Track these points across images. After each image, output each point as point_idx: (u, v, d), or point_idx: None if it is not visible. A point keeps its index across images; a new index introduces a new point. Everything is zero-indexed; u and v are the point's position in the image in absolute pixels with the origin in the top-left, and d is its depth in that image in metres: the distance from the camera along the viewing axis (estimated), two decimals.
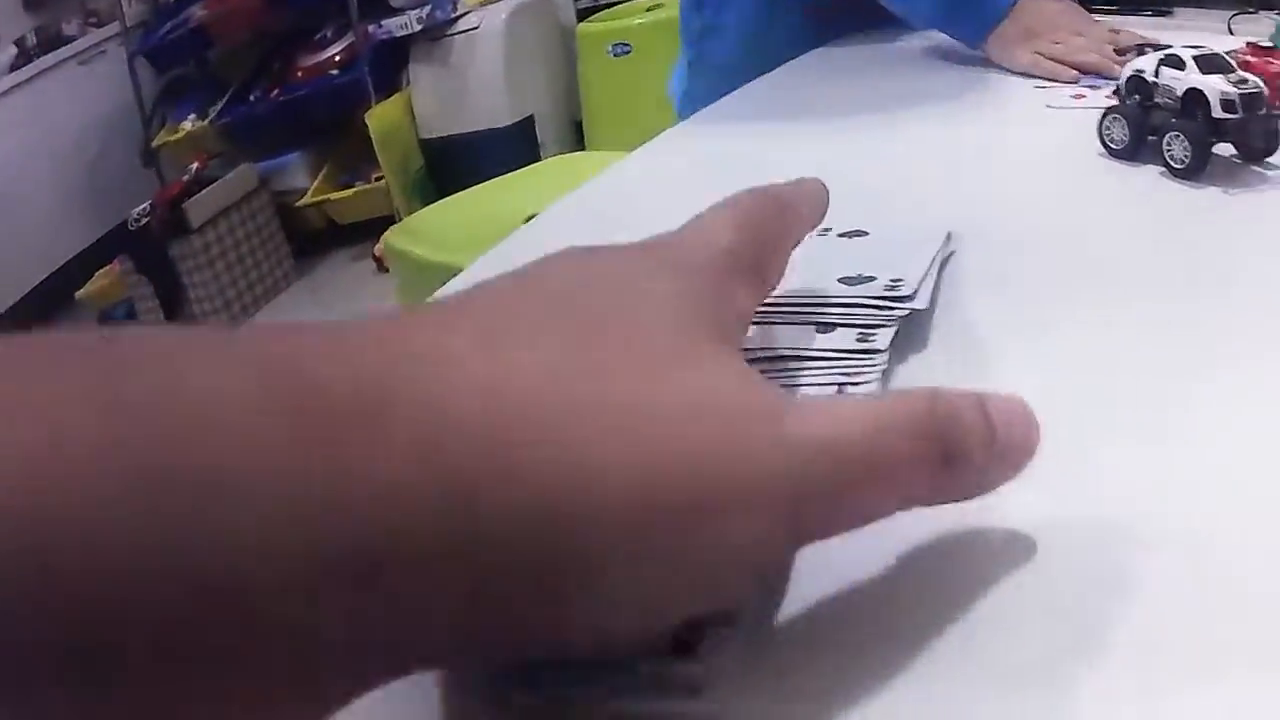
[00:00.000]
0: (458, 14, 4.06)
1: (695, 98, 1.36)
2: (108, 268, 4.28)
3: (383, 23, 4.11)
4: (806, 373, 0.57)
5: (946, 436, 0.34)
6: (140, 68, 4.85)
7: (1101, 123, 0.87)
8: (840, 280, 0.63)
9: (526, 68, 4.09)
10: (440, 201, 2.63)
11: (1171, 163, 0.80)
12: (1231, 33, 1.22)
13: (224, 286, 4.07)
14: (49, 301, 4.50)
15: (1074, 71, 1.16)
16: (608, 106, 3.98)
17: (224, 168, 4.31)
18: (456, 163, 4.07)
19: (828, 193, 0.48)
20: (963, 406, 0.35)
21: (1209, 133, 0.78)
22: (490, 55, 3.99)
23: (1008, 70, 1.23)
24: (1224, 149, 0.80)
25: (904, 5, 1.35)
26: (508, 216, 2.07)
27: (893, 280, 0.63)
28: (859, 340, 0.58)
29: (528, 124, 4.11)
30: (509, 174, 2.55)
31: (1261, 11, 1.27)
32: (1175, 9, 1.51)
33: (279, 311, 4.21)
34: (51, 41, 4.87)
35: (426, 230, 2.38)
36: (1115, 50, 1.18)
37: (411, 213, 3.89)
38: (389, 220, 4.01)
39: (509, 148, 3.97)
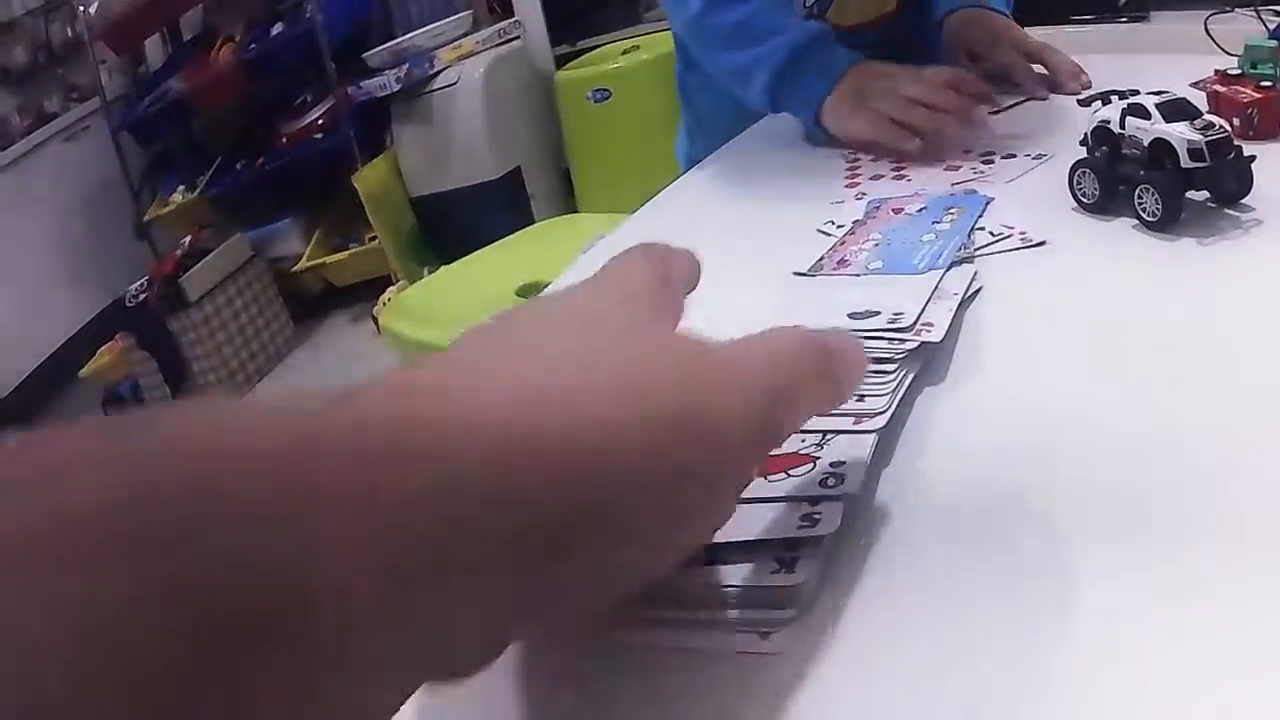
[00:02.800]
0: (435, 70, 4.07)
1: (697, 159, 1.36)
2: (109, 344, 4.27)
3: (362, 84, 4.12)
4: None
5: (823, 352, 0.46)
6: (125, 140, 4.87)
7: (1072, 176, 0.89)
8: (849, 315, 0.70)
9: (509, 119, 4.10)
10: (431, 275, 2.61)
11: (1143, 215, 0.81)
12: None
13: (227, 358, 4.09)
14: (51, 381, 4.51)
15: (914, 138, 1.12)
16: (593, 154, 4.02)
17: (216, 238, 4.32)
18: (448, 218, 4.09)
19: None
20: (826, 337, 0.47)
21: (1180, 183, 0.79)
22: (471, 110, 4.00)
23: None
24: (1198, 192, 0.80)
25: (741, 91, 1.32)
26: (500, 288, 2.09)
27: (895, 314, 0.69)
28: (874, 374, 0.63)
29: (515, 175, 4.11)
30: (500, 240, 2.56)
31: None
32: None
33: (283, 379, 4.22)
34: (35, 119, 4.89)
35: (418, 307, 2.38)
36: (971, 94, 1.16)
37: (408, 271, 3.91)
38: (386, 280, 4.03)
39: (499, 201, 4.00)
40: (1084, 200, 0.88)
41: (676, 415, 0.36)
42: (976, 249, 0.86)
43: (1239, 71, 1.00)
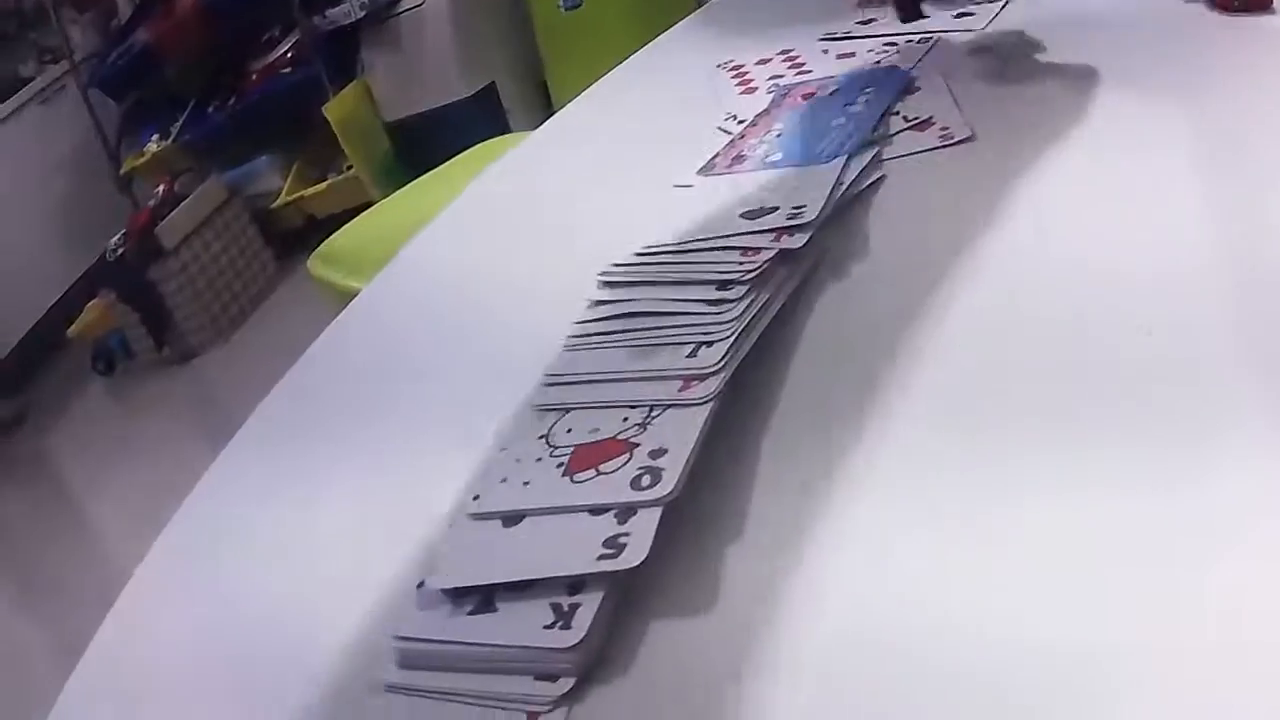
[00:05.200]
0: None
1: None
2: (94, 301, 4.25)
3: (327, 13, 4.03)
4: (664, 329, 0.53)
5: None
6: (99, 97, 4.79)
7: None
8: (742, 215, 0.62)
9: (480, 35, 3.98)
10: (356, 219, 2.41)
11: None
12: None
13: (208, 302, 4.08)
14: (47, 341, 4.57)
15: None
16: (567, 63, 3.87)
17: (195, 184, 4.28)
18: (424, 140, 3.98)
19: None
20: None
21: None
22: (440, 28, 3.89)
23: None
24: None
25: None
26: (424, 223, 1.92)
27: (794, 208, 0.61)
28: (717, 290, 0.54)
29: (490, 92, 4.00)
30: (427, 174, 2.42)
31: None
32: None
33: (269, 316, 4.19)
34: (10, 85, 4.86)
35: (344, 254, 2.19)
36: None
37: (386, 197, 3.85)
38: (367, 208, 3.96)
39: (474, 118, 3.89)
40: None
41: None
42: (890, 134, 0.74)
43: None
